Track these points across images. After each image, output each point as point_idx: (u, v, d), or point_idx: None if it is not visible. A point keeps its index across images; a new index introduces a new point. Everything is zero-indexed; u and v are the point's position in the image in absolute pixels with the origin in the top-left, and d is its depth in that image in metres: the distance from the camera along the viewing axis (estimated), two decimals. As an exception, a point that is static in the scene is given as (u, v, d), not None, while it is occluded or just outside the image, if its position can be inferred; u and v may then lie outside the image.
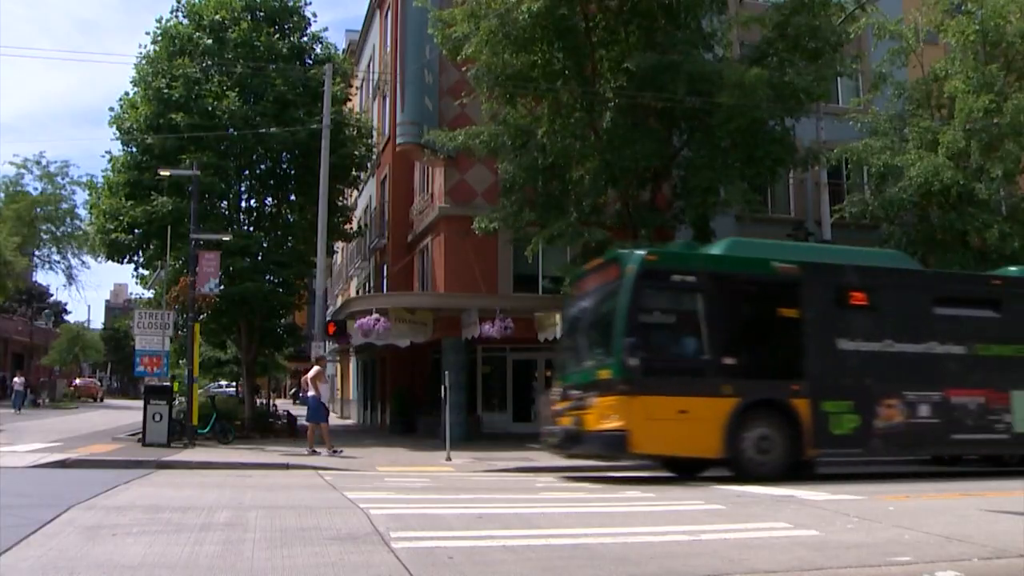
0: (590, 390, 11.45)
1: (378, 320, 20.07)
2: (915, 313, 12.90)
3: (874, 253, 15.06)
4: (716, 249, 13.07)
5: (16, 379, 37.52)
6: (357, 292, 34.09)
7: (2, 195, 42.31)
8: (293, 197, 24.36)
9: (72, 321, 68.34)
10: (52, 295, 67.37)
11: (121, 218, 21.67)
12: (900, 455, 13.33)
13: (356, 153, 24.75)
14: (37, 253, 44.24)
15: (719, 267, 12.29)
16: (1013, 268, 15.11)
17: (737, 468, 11.53)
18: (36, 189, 42.25)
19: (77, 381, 60.12)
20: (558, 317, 17.08)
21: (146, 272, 24.21)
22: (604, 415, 11.10)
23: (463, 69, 19.16)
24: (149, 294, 26.79)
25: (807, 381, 11.87)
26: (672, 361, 11.70)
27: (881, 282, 12.91)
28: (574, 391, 11.91)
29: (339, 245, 33.60)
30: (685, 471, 12.67)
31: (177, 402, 18.57)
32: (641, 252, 12.24)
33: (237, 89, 22.19)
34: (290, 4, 24.72)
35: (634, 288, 11.48)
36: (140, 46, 43.91)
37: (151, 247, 22.08)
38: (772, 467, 11.47)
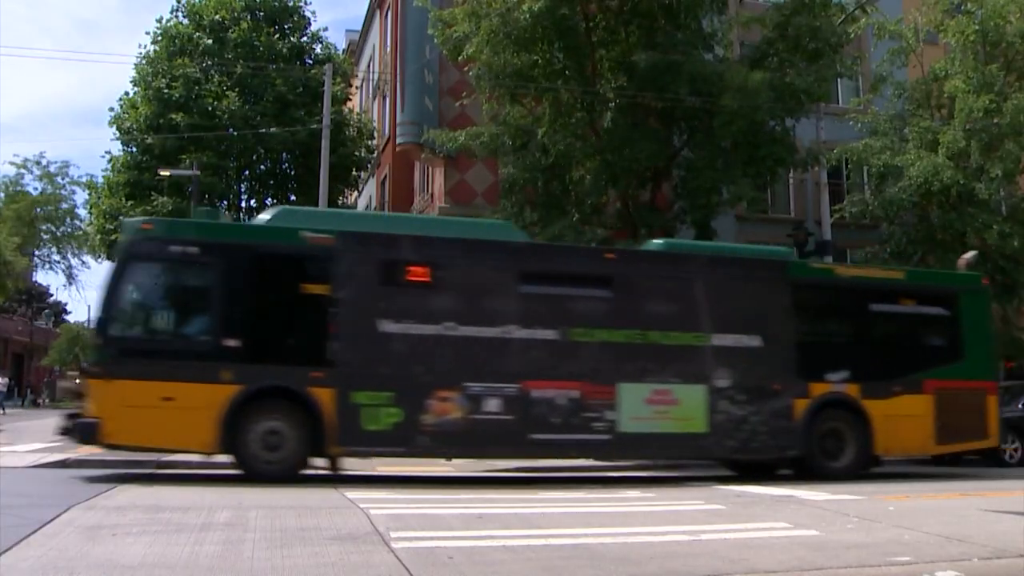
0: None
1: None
2: (491, 291, 11.31)
3: (475, 224, 13.50)
4: (261, 220, 11.72)
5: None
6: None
7: (2, 195, 42.39)
8: (293, 197, 24.39)
9: (72, 321, 68.41)
10: (52, 295, 67.44)
11: (121, 218, 21.70)
12: (459, 456, 11.87)
13: (356, 153, 24.76)
14: (37, 253, 44.31)
15: (234, 237, 11.03)
16: (657, 241, 13.65)
17: (242, 466, 10.19)
18: (36, 189, 42.39)
19: (77, 381, 60.02)
20: None
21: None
22: (88, 400, 10.19)
23: (464, 69, 19.18)
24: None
25: (335, 368, 10.38)
26: (159, 342, 10.37)
27: (447, 255, 11.13)
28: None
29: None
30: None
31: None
32: (136, 220, 11.17)
33: (237, 89, 22.24)
34: (290, 4, 24.78)
35: (120, 261, 10.44)
36: (140, 46, 44.07)
37: (151, 247, 22.09)
38: (283, 466, 10.09)
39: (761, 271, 12.59)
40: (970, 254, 15.13)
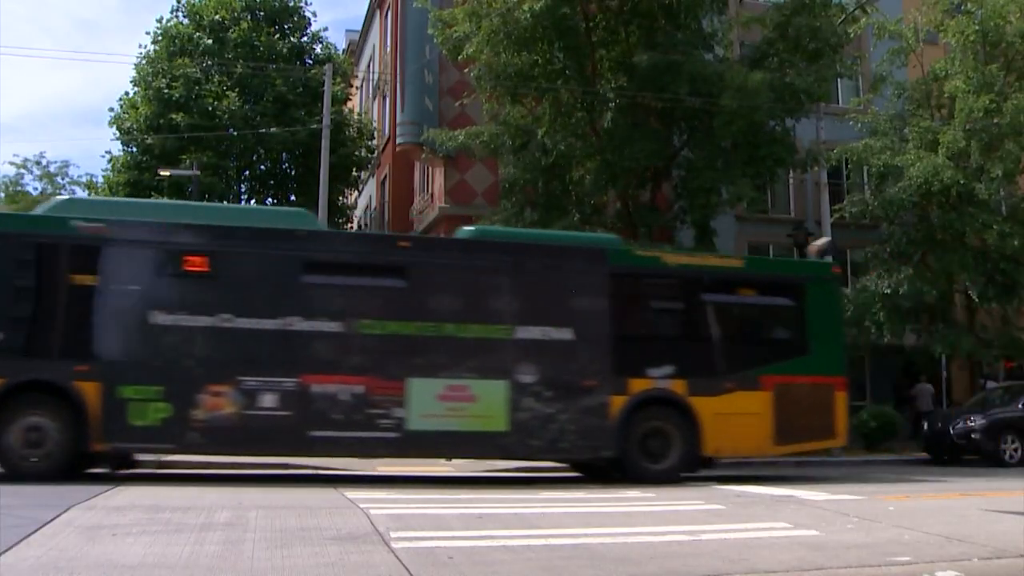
0: None
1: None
2: (274, 281, 10.81)
3: (265, 212, 13.08)
4: (40, 209, 11.34)
5: None
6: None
7: (2, 195, 42.39)
8: (293, 197, 24.40)
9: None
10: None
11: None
12: (233, 452, 11.43)
13: (356, 153, 24.77)
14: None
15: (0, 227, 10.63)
16: (468, 228, 13.16)
17: (2, 465, 9.88)
18: (36, 189, 42.40)
19: None
20: None
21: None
22: None
23: (464, 69, 19.19)
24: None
25: (101, 361, 10.08)
26: None
27: (225, 243, 10.64)
28: None
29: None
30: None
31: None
32: None
33: (237, 89, 22.26)
34: (290, 4, 24.79)
35: None
36: (140, 46, 44.10)
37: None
38: (49, 464, 9.70)
39: (577, 260, 11.84)
40: (822, 240, 14.26)
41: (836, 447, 13.10)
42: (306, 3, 25.57)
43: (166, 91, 22.03)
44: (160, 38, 23.69)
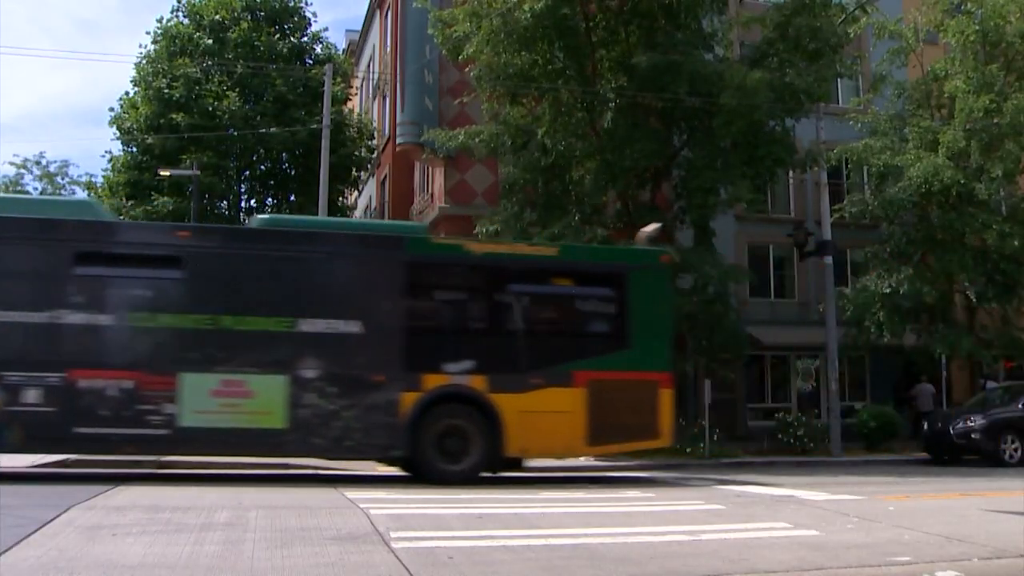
0: None
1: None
2: (41, 273, 10.49)
3: (45, 202, 12.80)
4: None
5: None
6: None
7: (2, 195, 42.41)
8: (293, 197, 24.41)
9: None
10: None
11: (121, 218, 21.74)
12: None
13: (356, 153, 24.78)
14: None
15: None
16: (262, 217, 12.46)
17: None
18: (36, 189, 42.40)
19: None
20: None
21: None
22: None
23: (464, 69, 19.18)
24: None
25: None
26: None
27: None
28: None
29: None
30: None
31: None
32: None
33: (237, 89, 22.27)
34: (290, 4, 24.79)
35: None
36: (140, 46, 44.15)
37: (151, 247, 22.14)
38: None
39: (370, 249, 11.37)
40: (651, 227, 13.08)
41: (660, 447, 12.55)
42: (306, 3, 25.59)
43: (166, 91, 22.05)
44: (160, 38, 23.70)
